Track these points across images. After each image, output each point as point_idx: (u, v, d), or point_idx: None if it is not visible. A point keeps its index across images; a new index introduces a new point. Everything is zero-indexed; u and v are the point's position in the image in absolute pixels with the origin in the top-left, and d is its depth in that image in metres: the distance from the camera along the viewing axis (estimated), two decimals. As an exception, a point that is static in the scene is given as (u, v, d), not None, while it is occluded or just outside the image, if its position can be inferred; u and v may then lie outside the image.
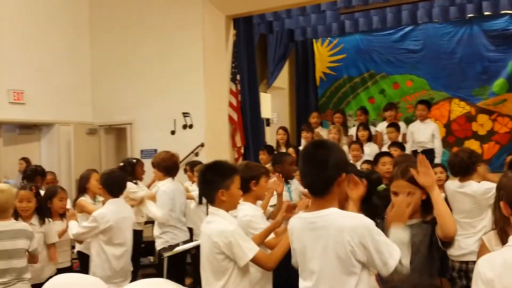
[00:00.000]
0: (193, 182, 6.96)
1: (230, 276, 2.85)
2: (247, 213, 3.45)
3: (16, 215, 4.33)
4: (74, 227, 4.45)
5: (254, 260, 2.87)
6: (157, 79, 9.64)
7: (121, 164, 6.35)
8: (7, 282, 3.82)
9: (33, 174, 6.54)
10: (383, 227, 2.66)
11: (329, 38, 12.52)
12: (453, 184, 4.83)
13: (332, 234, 2.18)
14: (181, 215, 5.41)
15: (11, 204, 3.97)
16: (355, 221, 2.20)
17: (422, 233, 2.69)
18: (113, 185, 4.50)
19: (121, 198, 4.62)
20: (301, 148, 7.87)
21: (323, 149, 2.27)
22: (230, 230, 2.84)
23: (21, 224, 4.09)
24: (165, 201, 5.17)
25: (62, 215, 4.98)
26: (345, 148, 7.83)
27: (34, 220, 4.39)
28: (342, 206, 2.43)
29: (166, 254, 4.63)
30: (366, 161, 6.55)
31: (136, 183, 6.07)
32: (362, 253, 2.17)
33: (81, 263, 5.22)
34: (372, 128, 8.92)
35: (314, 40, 12.65)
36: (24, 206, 4.30)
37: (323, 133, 8.91)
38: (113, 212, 4.41)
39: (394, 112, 9.06)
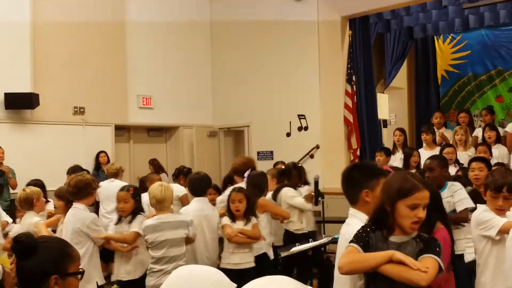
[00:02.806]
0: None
1: (362, 284, 2.70)
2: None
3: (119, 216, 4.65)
4: None
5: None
6: (273, 82, 9.84)
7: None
8: (162, 270, 4.12)
9: (178, 174, 7.05)
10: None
11: (451, 34, 11.91)
12: None
13: None
14: None
15: (169, 198, 4.32)
16: None
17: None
18: (195, 185, 4.92)
19: (205, 198, 4.97)
20: (421, 150, 7.55)
21: None
22: None
23: (180, 216, 4.49)
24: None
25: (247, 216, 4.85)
26: (472, 150, 7.39)
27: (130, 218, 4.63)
28: None
29: (284, 254, 4.69)
30: (496, 163, 6.17)
31: (295, 188, 6.05)
32: None
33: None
34: (500, 129, 8.29)
35: (435, 37, 12.11)
36: (121, 207, 4.56)
37: (447, 134, 8.45)
38: (195, 209, 4.77)
39: (525, 112, 8.36)
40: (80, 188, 4.35)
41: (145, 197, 6.20)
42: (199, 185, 4.96)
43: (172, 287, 1.54)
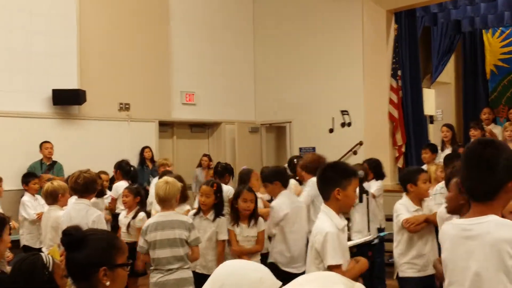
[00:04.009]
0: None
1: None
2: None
3: (199, 208, 4.64)
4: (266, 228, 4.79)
5: (330, 270, 2.81)
6: (316, 77, 9.75)
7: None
8: (170, 270, 3.96)
9: (223, 171, 6.85)
10: None
11: (501, 28, 11.52)
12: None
13: (488, 245, 1.93)
14: None
15: (173, 196, 4.10)
16: None
17: None
18: (284, 177, 4.86)
19: (290, 189, 4.90)
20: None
21: (492, 148, 2.01)
22: (326, 231, 2.86)
23: (181, 216, 4.21)
24: (312, 193, 5.21)
25: (251, 218, 4.62)
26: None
27: (210, 215, 4.60)
28: (504, 217, 2.09)
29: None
30: None
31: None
32: None
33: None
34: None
35: (484, 30, 11.73)
36: (203, 200, 4.55)
37: (496, 130, 8.16)
38: (286, 202, 4.69)
39: None
40: (88, 185, 4.37)
41: None
42: (287, 177, 4.97)
43: (217, 279, 1.54)
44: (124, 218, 5.40)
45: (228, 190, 5.85)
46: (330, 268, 2.84)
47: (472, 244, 1.98)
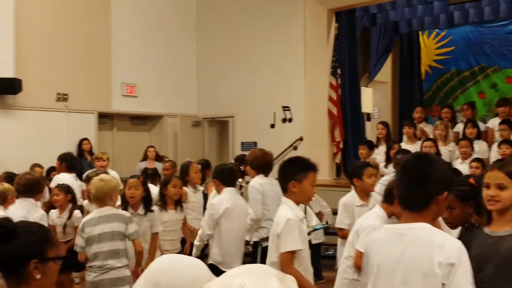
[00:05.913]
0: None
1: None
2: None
3: (126, 204, 4.51)
4: (200, 230, 4.82)
5: (282, 256, 3.00)
6: (258, 73, 9.85)
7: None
8: (106, 268, 3.88)
9: (153, 175, 6.81)
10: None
11: (436, 30, 11.99)
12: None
13: (419, 248, 2.00)
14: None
15: (106, 194, 4.05)
16: (448, 240, 2.01)
17: None
18: (229, 176, 4.91)
19: (235, 189, 4.94)
20: (403, 144, 7.66)
21: (425, 162, 2.13)
22: (287, 218, 3.02)
23: (118, 210, 4.17)
24: (255, 196, 4.98)
25: (178, 203, 5.03)
26: (452, 145, 7.51)
27: (141, 209, 4.53)
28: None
29: (265, 244, 4.72)
30: (476, 159, 6.38)
31: None
32: (445, 276, 1.94)
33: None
34: (481, 125, 8.42)
35: (420, 32, 12.18)
36: (131, 193, 4.49)
37: (427, 129, 8.53)
38: (228, 199, 4.74)
39: (508, 108, 8.40)
40: (29, 186, 4.51)
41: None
42: (232, 176, 4.97)
43: (152, 274, 1.56)
44: (57, 218, 5.26)
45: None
46: (287, 253, 2.98)
47: (403, 247, 2.04)
